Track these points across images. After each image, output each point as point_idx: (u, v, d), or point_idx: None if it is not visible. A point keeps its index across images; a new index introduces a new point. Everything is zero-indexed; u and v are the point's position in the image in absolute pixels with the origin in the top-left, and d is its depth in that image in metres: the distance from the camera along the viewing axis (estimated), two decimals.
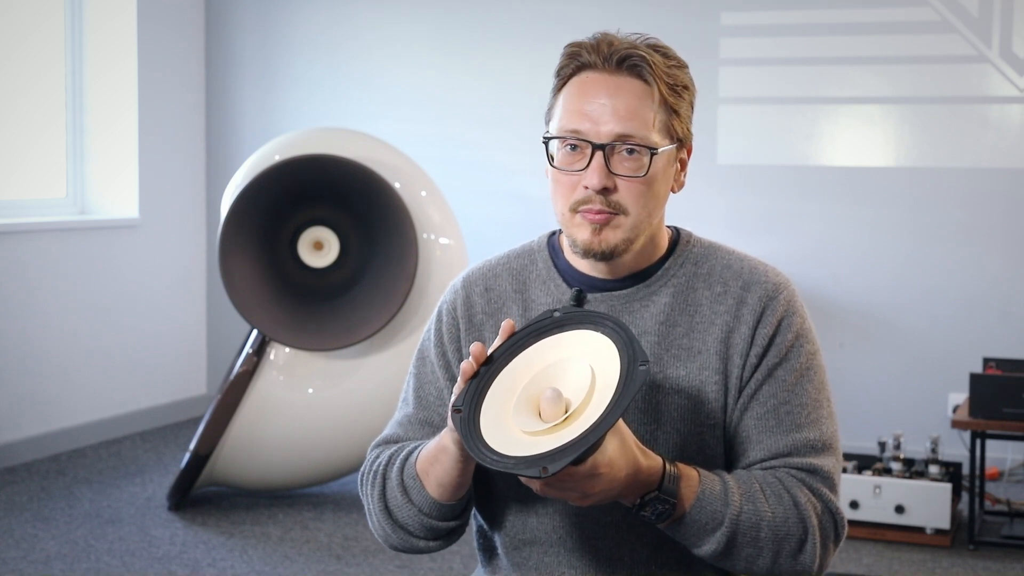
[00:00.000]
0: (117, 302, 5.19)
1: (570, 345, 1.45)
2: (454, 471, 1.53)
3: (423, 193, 4.21)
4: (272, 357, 4.14)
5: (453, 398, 1.45)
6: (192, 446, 4.06)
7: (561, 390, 1.40)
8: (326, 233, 4.20)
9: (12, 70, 4.97)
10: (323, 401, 4.15)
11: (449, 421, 1.47)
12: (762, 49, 4.94)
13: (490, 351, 1.47)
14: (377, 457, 1.67)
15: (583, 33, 1.64)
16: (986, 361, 4.12)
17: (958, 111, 4.74)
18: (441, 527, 1.60)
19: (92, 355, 5.08)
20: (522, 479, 1.42)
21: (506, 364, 1.46)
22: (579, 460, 1.36)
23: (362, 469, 1.69)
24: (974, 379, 3.85)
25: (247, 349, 4.15)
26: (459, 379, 1.45)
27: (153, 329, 5.39)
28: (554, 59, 1.61)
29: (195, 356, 5.67)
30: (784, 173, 4.96)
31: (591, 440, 1.33)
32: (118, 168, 5.27)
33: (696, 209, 4.78)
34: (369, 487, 1.65)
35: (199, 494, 4.26)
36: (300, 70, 5.59)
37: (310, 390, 4.16)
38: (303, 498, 4.30)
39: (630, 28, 1.64)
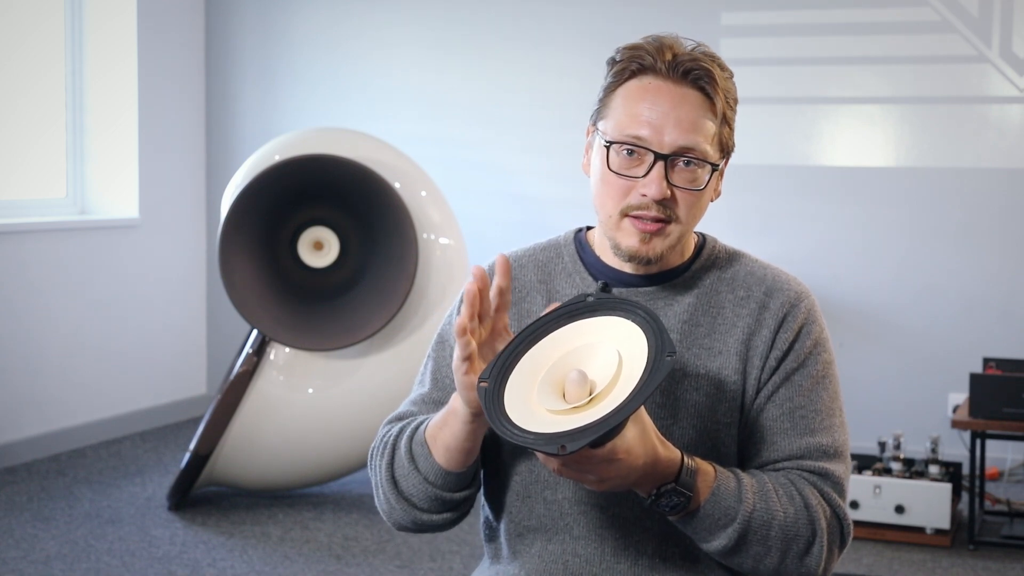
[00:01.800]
0: (117, 302, 5.19)
1: (600, 330, 1.46)
2: (462, 434, 1.53)
3: (423, 193, 4.21)
4: (272, 357, 4.14)
5: (457, 324, 1.44)
6: (192, 446, 4.06)
7: (587, 372, 1.41)
8: (326, 233, 4.20)
9: (12, 70, 4.97)
10: (323, 401, 4.15)
11: (461, 380, 1.47)
12: (762, 49, 4.94)
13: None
14: (389, 431, 1.68)
15: (584, 34, 1.64)
16: (986, 361, 4.12)
17: (958, 111, 4.74)
18: (445, 497, 1.60)
19: (92, 355, 5.08)
20: (540, 457, 1.43)
21: (535, 343, 1.47)
22: (598, 443, 1.36)
23: (372, 444, 1.70)
24: (974, 379, 3.85)
25: (247, 349, 4.15)
26: (465, 303, 1.44)
27: (153, 329, 5.39)
28: (555, 59, 1.62)
29: (195, 356, 5.67)
30: (784, 173, 4.96)
31: (612, 423, 1.33)
32: (118, 168, 5.27)
33: None
34: (378, 459, 1.66)
35: (199, 494, 4.26)
36: (300, 70, 5.59)
37: (310, 390, 4.16)
38: (303, 498, 4.30)
39: (630, 29, 1.64)
